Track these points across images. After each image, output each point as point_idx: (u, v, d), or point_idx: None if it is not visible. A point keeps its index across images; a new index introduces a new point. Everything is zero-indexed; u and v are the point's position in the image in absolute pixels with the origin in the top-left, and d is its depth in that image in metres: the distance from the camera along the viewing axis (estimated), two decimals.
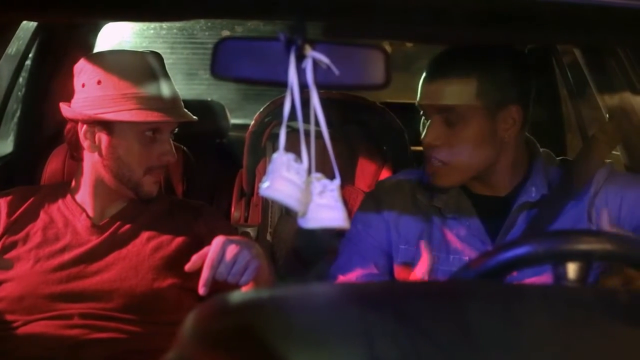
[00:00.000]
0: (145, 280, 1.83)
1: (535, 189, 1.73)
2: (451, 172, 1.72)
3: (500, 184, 1.77)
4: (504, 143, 1.71)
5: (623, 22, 1.49)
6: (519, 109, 1.70)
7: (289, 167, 1.13)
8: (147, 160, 1.86)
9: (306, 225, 1.15)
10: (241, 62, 1.16)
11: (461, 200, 1.78)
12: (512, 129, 1.71)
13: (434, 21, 1.46)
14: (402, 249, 1.80)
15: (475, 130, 1.68)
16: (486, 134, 1.69)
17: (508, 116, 1.70)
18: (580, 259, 1.14)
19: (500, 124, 1.69)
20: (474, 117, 1.68)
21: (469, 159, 1.70)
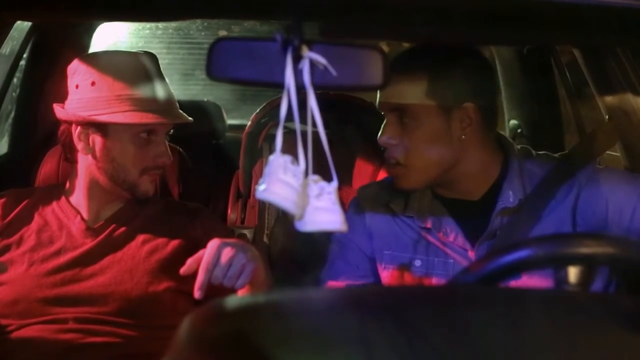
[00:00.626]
0: (140, 283, 1.82)
1: (513, 193, 1.70)
2: (410, 174, 1.69)
3: (471, 188, 1.74)
4: (463, 143, 1.68)
5: (622, 22, 1.48)
6: (474, 107, 1.67)
7: (286, 170, 1.12)
8: (142, 162, 1.85)
9: (303, 228, 1.14)
10: (237, 62, 1.15)
11: (434, 207, 1.76)
12: (469, 128, 1.67)
13: (432, 21, 1.45)
14: (387, 254, 1.79)
15: (428, 129, 1.66)
16: (440, 133, 1.66)
17: (463, 115, 1.67)
18: (582, 263, 1.13)
19: (455, 122, 1.67)
20: (427, 116, 1.66)
21: (426, 159, 1.68)
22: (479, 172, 1.72)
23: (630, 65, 1.82)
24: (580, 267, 1.13)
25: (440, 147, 1.67)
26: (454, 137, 1.67)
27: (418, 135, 1.66)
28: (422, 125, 1.66)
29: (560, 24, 1.52)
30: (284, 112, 1.10)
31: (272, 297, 1.05)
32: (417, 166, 1.68)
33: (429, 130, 1.66)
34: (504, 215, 1.70)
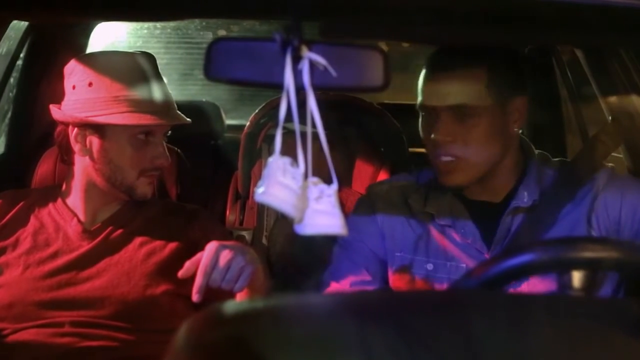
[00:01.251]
0: (137, 287, 1.80)
1: (527, 193, 1.69)
2: (463, 169, 1.67)
3: (498, 188, 1.73)
4: (512, 138, 1.69)
5: (625, 22, 1.46)
6: (524, 100, 1.68)
7: (285, 172, 1.11)
8: (139, 164, 1.83)
9: (302, 231, 1.14)
10: (235, 63, 1.14)
11: (455, 206, 1.74)
12: (518, 122, 1.68)
13: (433, 21, 1.44)
14: (398, 256, 1.76)
15: (488, 124, 1.65)
16: (498, 127, 1.66)
17: (515, 108, 1.67)
18: (587, 267, 1.11)
19: (509, 116, 1.67)
20: (486, 111, 1.64)
21: (481, 154, 1.67)
22: (507, 172, 1.73)
23: (633, 66, 1.81)
24: (585, 271, 1.12)
25: (496, 142, 1.67)
26: (507, 131, 1.67)
27: (477, 130, 1.65)
28: (482, 119, 1.64)
29: (562, 24, 1.51)
30: (283, 113, 1.09)
31: (270, 302, 1.03)
32: (473, 161, 1.67)
33: (487, 125, 1.65)
34: (516, 214, 1.69)
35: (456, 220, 1.73)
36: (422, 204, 1.76)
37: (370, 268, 1.79)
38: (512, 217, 1.70)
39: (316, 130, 1.05)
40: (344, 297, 1.15)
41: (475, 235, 1.71)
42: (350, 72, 1.10)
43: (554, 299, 1.08)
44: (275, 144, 1.10)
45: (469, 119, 1.64)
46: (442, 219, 1.74)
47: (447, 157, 1.67)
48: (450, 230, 1.73)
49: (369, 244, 1.79)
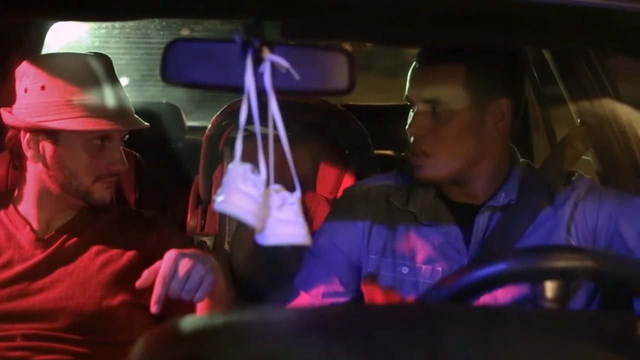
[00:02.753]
0: (93, 297, 1.74)
1: (505, 194, 1.68)
2: (436, 165, 1.65)
3: (479, 191, 1.70)
4: (491, 140, 1.65)
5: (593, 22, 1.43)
6: (509, 103, 1.65)
7: (246, 179, 1.08)
8: (95, 170, 1.77)
9: (264, 242, 1.11)
10: (194, 65, 1.11)
11: (438, 206, 1.71)
12: (500, 124, 1.65)
13: (399, 22, 1.40)
14: (373, 259, 1.72)
15: (462, 121, 1.63)
16: (473, 126, 1.64)
17: (497, 109, 1.64)
18: (560, 277, 1.07)
19: (489, 117, 1.64)
20: (462, 109, 1.62)
21: (454, 151, 1.64)
22: (490, 175, 1.70)
23: (602, 67, 1.79)
24: (558, 281, 1.08)
25: (470, 141, 1.64)
26: (484, 132, 1.64)
27: (450, 127, 1.63)
28: (455, 117, 1.62)
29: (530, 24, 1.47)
30: (243, 118, 1.07)
31: (230, 318, 0.98)
32: (444, 157, 1.65)
33: (462, 124, 1.63)
34: (492, 213, 1.67)
35: (438, 220, 1.70)
36: (405, 202, 1.73)
37: (343, 277, 1.74)
38: (489, 216, 1.67)
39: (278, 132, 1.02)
40: (307, 312, 1.11)
41: (457, 235, 1.68)
42: (313, 75, 1.07)
43: (527, 313, 1.05)
44: (236, 150, 1.07)
45: (443, 115, 1.62)
46: (424, 218, 1.70)
47: (419, 151, 1.65)
48: (431, 231, 1.70)
49: (345, 249, 1.75)
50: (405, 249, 1.70)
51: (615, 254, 1.42)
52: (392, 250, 1.71)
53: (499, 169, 1.70)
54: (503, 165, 1.71)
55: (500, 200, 1.67)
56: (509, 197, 1.67)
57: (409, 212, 1.72)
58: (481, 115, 1.63)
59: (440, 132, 1.63)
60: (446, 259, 1.67)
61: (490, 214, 1.68)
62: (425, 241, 1.69)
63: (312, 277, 1.75)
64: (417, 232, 1.70)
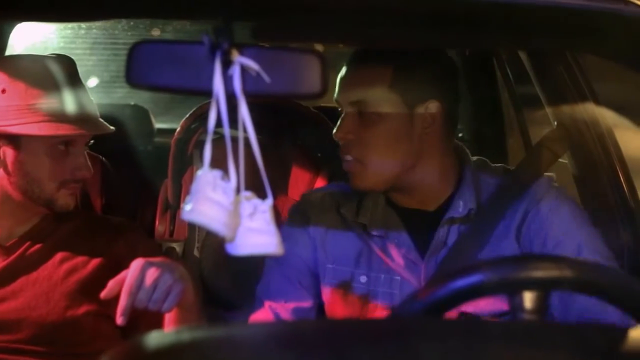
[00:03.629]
0: (57, 308, 1.69)
1: (463, 203, 1.63)
2: (368, 172, 1.61)
3: (427, 197, 1.66)
4: (423, 144, 1.61)
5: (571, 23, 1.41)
6: (439, 106, 1.60)
7: (215, 187, 1.05)
8: (59, 176, 1.72)
9: (235, 252, 1.08)
10: (160, 68, 1.05)
11: (388, 215, 1.67)
12: (430, 128, 1.60)
13: (371, 23, 1.37)
14: (330, 268, 1.69)
15: (389, 124, 1.59)
16: (402, 130, 1.59)
17: (426, 112, 1.60)
18: (540, 287, 1.04)
19: (418, 121, 1.59)
20: (388, 111, 1.59)
21: (384, 156, 1.60)
22: (436, 179, 1.65)
23: (578, 69, 1.76)
24: (537, 292, 1.04)
25: (400, 145, 1.60)
26: (415, 135, 1.60)
27: (378, 131, 1.58)
28: (382, 120, 1.58)
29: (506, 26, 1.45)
30: (212, 123, 1.03)
31: (197, 334, 0.94)
32: (375, 164, 1.60)
33: (389, 126, 1.58)
34: (452, 224, 1.62)
35: (389, 230, 1.66)
36: (355, 213, 1.69)
37: (303, 282, 1.71)
38: (448, 227, 1.63)
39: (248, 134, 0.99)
40: (277, 327, 1.06)
41: (409, 245, 1.65)
42: (285, 78, 1.04)
43: (507, 326, 1.01)
44: (205, 156, 1.04)
45: (370, 117, 1.58)
46: (374, 229, 1.67)
47: (349, 157, 1.62)
48: (384, 241, 1.66)
49: (302, 255, 1.71)
50: (362, 258, 1.66)
51: (594, 263, 1.39)
52: (349, 260, 1.67)
53: (444, 172, 1.65)
54: (448, 168, 1.66)
55: (459, 211, 1.62)
56: (469, 206, 1.62)
57: (360, 223, 1.68)
58: (410, 118, 1.59)
59: (367, 136, 1.59)
60: (403, 268, 1.63)
61: (449, 226, 1.63)
62: (381, 251, 1.65)
63: (273, 284, 1.72)
64: (372, 241, 1.67)
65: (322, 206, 1.73)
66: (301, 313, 1.70)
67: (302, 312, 1.70)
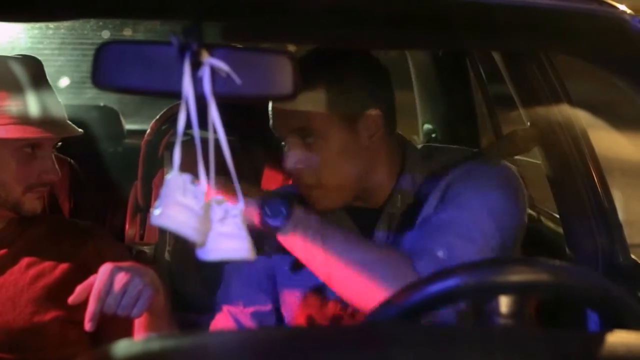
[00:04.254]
0: (23, 314, 1.65)
1: (401, 197, 1.60)
2: (327, 195, 1.57)
3: (375, 195, 1.62)
4: (372, 152, 1.58)
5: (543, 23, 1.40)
6: (379, 113, 1.56)
7: (185, 191, 1.02)
8: (26, 179, 1.68)
9: (205, 257, 1.06)
10: (128, 69, 1.02)
11: (341, 216, 1.63)
12: (376, 135, 1.57)
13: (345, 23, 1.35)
14: (286, 271, 1.65)
15: (336, 143, 1.53)
16: (349, 145, 1.55)
17: (369, 122, 1.56)
18: (515, 291, 1.02)
19: (362, 131, 1.55)
20: (331, 130, 1.53)
21: (340, 175, 1.56)
22: (383, 178, 1.61)
23: (552, 70, 1.75)
24: (513, 296, 1.03)
25: (352, 160, 1.56)
26: (362, 146, 1.56)
27: (327, 153, 1.53)
28: (328, 141, 1.53)
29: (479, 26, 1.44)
30: (181, 125, 1.00)
31: (167, 343, 0.91)
32: (333, 184, 1.56)
33: (336, 145, 1.53)
34: (391, 220, 1.59)
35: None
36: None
37: (263, 285, 1.68)
38: (388, 223, 1.60)
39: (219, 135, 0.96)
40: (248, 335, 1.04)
41: None
42: (256, 79, 1.01)
43: (484, 332, 0.99)
44: (174, 159, 1.01)
45: (315, 143, 1.53)
46: None
47: (306, 184, 1.57)
48: None
49: (261, 258, 1.66)
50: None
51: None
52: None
53: (392, 167, 1.62)
54: (392, 164, 1.62)
55: (397, 205, 1.60)
56: (407, 202, 1.59)
57: None
58: (354, 131, 1.54)
59: (318, 161, 1.53)
60: None
61: (390, 222, 1.60)
62: None
63: (233, 289, 1.69)
64: None
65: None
66: (261, 317, 1.67)
67: (262, 317, 1.67)
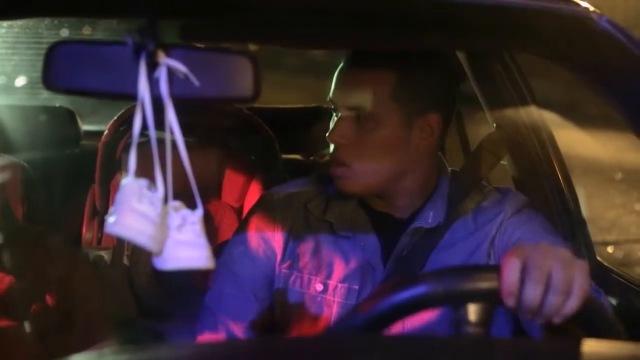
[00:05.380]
0: None
1: (433, 213, 1.57)
2: (356, 177, 1.53)
3: (404, 204, 1.59)
4: (417, 155, 1.55)
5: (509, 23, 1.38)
6: (439, 118, 1.54)
7: (141, 197, 0.98)
8: None
9: (162, 266, 1.02)
10: (81, 70, 0.97)
11: (357, 215, 1.59)
12: (428, 140, 1.54)
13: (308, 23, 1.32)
14: (286, 273, 1.58)
15: (387, 133, 1.51)
16: (399, 139, 1.52)
17: (426, 124, 1.53)
18: (484, 299, 0.99)
19: (416, 131, 1.53)
20: (388, 120, 1.51)
21: (377, 165, 1.53)
22: (417, 189, 1.58)
23: (517, 70, 1.73)
24: (482, 304, 1.00)
25: (394, 154, 1.53)
26: (411, 146, 1.53)
27: (374, 139, 1.51)
28: (381, 128, 1.50)
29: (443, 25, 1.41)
30: (137, 129, 0.95)
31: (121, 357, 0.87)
32: (366, 171, 1.53)
33: (387, 135, 1.51)
34: (415, 235, 1.56)
35: (357, 231, 1.58)
36: (322, 210, 1.61)
37: (258, 294, 1.60)
38: (412, 236, 1.57)
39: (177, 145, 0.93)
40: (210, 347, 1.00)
41: (375, 249, 1.57)
42: (215, 81, 0.97)
43: (451, 341, 0.96)
44: (130, 164, 0.97)
45: (367, 124, 1.51)
46: (342, 228, 1.58)
47: (339, 161, 1.54)
48: (348, 244, 1.58)
49: (260, 262, 1.60)
50: (321, 264, 1.57)
51: None
52: (307, 265, 1.58)
53: (426, 183, 1.60)
54: (430, 179, 1.60)
55: (428, 222, 1.56)
56: (438, 219, 1.56)
57: (326, 222, 1.59)
58: (408, 128, 1.52)
59: (362, 142, 1.51)
60: (362, 277, 1.55)
61: (413, 236, 1.57)
62: (342, 256, 1.57)
63: (225, 294, 1.60)
64: (335, 244, 1.58)
65: (287, 205, 1.64)
66: (256, 329, 1.60)
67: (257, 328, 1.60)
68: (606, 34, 1.26)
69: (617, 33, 1.25)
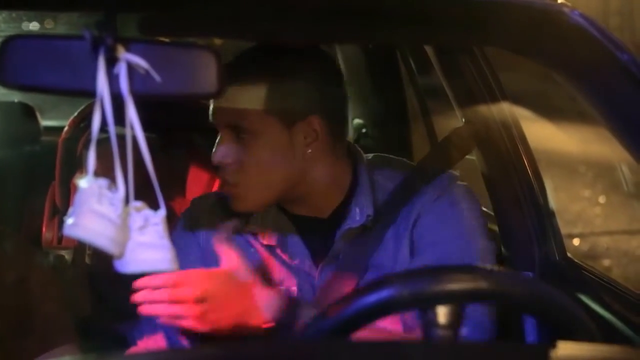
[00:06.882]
0: None
1: (360, 210, 1.53)
2: (247, 195, 1.50)
3: (320, 204, 1.56)
4: (309, 158, 1.51)
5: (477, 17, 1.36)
6: (320, 120, 1.50)
7: (101, 198, 0.95)
8: None
9: (124, 269, 1.00)
10: (37, 65, 0.94)
11: (280, 223, 1.56)
12: (314, 143, 1.50)
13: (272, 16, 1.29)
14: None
15: (267, 144, 1.47)
16: (282, 149, 1.48)
17: (308, 128, 1.49)
18: (454, 300, 0.97)
19: (299, 137, 1.49)
20: (266, 132, 1.47)
21: (265, 179, 1.49)
22: (328, 186, 1.54)
23: (486, 64, 1.72)
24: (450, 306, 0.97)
25: (282, 164, 1.49)
26: (297, 152, 1.49)
27: (255, 153, 1.47)
28: (259, 140, 1.46)
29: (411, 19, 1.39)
30: (96, 127, 0.93)
31: None
32: (255, 186, 1.49)
33: (267, 147, 1.47)
34: (351, 235, 1.53)
35: (283, 238, 1.55)
36: (245, 220, 1.56)
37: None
38: (343, 241, 1.54)
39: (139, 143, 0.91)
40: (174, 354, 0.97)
41: (304, 254, 1.55)
42: (177, 77, 0.94)
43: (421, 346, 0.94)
44: (88, 163, 0.94)
45: (246, 140, 1.47)
46: (266, 237, 1.55)
47: (228, 180, 1.51)
48: (278, 250, 1.55)
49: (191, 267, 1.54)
50: (256, 270, 1.54)
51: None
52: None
53: (335, 179, 1.56)
54: (339, 174, 1.56)
55: (356, 219, 1.52)
56: (365, 213, 1.52)
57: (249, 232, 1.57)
58: (290, 136, 1.48)
59: (245, 160, 1.48)
60: (298, 278, 1.53)
61: (349, 235, 1.54)
62: (275, 261, 1.55)
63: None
64: (266, 251, 1.56)
65: (210, 214, 1.61)
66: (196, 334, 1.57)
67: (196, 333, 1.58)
68: (578, 27, 1.24)
69: (589, 27, 1.24)
